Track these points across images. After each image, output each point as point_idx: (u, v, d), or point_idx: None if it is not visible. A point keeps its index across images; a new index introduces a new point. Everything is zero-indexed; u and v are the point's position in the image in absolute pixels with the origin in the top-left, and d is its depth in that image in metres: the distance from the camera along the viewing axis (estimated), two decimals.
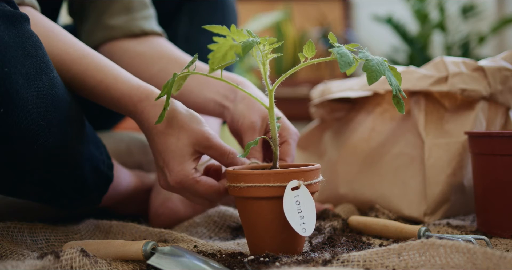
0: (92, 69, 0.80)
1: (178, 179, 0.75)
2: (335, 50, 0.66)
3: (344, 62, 0.64)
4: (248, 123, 0.86)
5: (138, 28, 1.02)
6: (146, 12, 1.04)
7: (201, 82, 0.95)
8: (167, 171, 0.76)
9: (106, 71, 0.80)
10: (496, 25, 2.96)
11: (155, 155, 0.77)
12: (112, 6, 1.02)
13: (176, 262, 0.65)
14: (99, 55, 0.83)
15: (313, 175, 0.72)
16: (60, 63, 0.79)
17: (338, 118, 1.17)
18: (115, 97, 0.79)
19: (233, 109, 0.90)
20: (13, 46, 0.67)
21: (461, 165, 0.96)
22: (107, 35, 1.01)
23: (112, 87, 0.79)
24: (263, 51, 0.72)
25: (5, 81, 0.66)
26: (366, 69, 0.65)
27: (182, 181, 0.75)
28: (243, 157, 0.75)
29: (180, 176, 0.75)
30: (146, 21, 1.04)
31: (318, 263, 0.63)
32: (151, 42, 1.02)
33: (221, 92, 0.93)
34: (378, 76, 0.65)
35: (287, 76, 0.72)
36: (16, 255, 0.71)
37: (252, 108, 0.88)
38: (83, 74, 0.80)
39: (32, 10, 0.81)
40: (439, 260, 0.60)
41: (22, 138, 0.70)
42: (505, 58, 0.99)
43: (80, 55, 0.81)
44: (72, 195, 0.83)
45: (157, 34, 1.04)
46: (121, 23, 1.01)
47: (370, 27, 3.53)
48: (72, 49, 0.81)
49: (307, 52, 0.70)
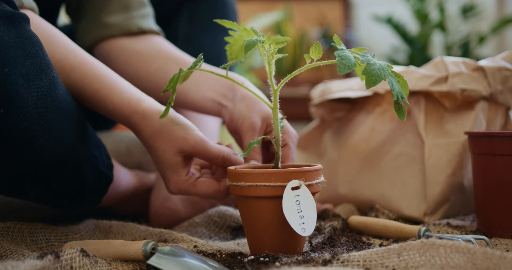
0: (89, 78, 0.82)
1: (176, 188, 0.79)
2: (336, 53, 0.66)
3: (343, 65, 0.64)
4: (248, 124, 0.86)
5: (136, 26, 1.02)
6: (144, 10, 1.04)
7: (199, 80, 0.94)
8: (166, 181, 0.80)
9: (102, 80, 0.82)
10: (496, 25, 2.96)
11: (155, 165, 0.81)
12: (110, 4, 1.02)
13: (176, 262, 0.65)
14: (98, 62, 0.84)
15: (314, 175, 0.72)
16: (60, 69, 0.80)
17: (338, 118, 1.17)
18: (110, 108, 0.81)
19: (232, 108, 0.90)
20: (13, 47, 0.67)
21: (461, 165, 0.96)
22: (105, 33, 1.01)
23: (107, 99, 0.81)
24: (268, 50, 0.72)
25: (5, 82, 0.66)
26: (366, 72, 0.65)
27: (180, 188, 0.79)
28: (244, 156, 0.76)
29: (177, 185, 0.79)
30: (144, 19, 1.04)
31: (318, 263, 0.63)
32: (149, 41, 1.02)
33: (219, 90, 0.93)
34: (377, 80, 0.64)
35: (292, 76, 0.72)
36: (16, 255, 0.71)
37: (252, 108, 0.87)
38: (81, 82, 0.81)
39: (32, 14, 0.81)
40: (439, 260, 0.60)
41: (22, 138, 0.69)
42: (505, 58, 0.99)
43: (79, 62, 0.82)
44: (72, 195, 0.83)
45: (155, 32, 1.04)
46: (119, 21, 1.01)
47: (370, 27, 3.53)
48: (72, 55, 0.82)
49: (314, 53, 0.70)
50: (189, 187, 0.79)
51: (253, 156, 0.84)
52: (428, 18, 3.07)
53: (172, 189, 0.79)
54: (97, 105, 0.82)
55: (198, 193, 0.79)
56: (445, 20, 3.06)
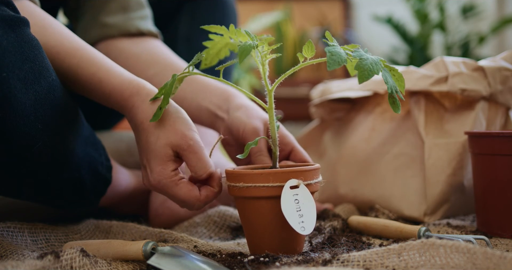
0: (85, 62, 0.79)
1: (157, 180, 0.72)
2: (327, 49, 0.65)
3: (333, 60, 0.64)
4: (250, 128, 0.85)
5: (135, 28, 1.01)
6: (142, 12, 1.04)
7: (196, 89, 0.94)
8: (148, 170, 0.74)
9: (99, 64, 0.79)
10: (496, 25, 2.96)
11: (139, 152, 0.76)
12: (109, 5, 1.02)
13: (176, 262, 0.65)
14: (93, 48, 0.82)
15: (312, 174, 0.72)
16: (55, 55, 0.78)
17: (338, 118, 1.17)
18: (107, 90, 0.77)
19: (228, 119, 0.89)
20: (11, 51, 0.67)
21: (461, 165, 0.96)
22: (103, 33, 1.01)
23: (104, 80, 0.78)
24: (262, 52, 0.72)
25: (3, 86, 0.66)
26: (358, 67, 0.64)
27: (161, 182, 0.72)
28: (243, 157, 0.75)
29: (159, 177, 0.72)
30: (143, 21, 1.03)
31: (318, 263, 0.63)
32: (147, 44, 1.02)
33: (214, 101, 0.92)
34: (369, 75, 0.64)
35: (286, 76, 0.72)
36: (16, 255, 0.71)
37: (251, 115, 0.87)
38: (76, 67, 0.79)
39: (30, 3, 0.81)
40: (439, 260, 0.60)
41: (19, 142, 0.70)
42: (505, 58, 0.99)
43: (74, 47, 0.80)
44: (69, 197, 0.83)
45: (153, 35, 1.04)
46: (118, 22, 1.01)
47: (370, 27, 3.53)
48: (67, 41, 0.80)
49: (307, 52, 0.70)
50: (171, 184, 0.72)
51: (262, 161, 0.84)
52: (428, 18, 3.07)
53: (151, 181, 0.73)
54: (93, 88, 0.78)
55: (177, 194, 0.73)
56: (445, 20, 3.06)
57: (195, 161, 0.72)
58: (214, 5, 1.21)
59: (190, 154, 0.72)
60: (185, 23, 1.21)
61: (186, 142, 0.72)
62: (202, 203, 0.74)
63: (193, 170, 0.73)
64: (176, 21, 1.21)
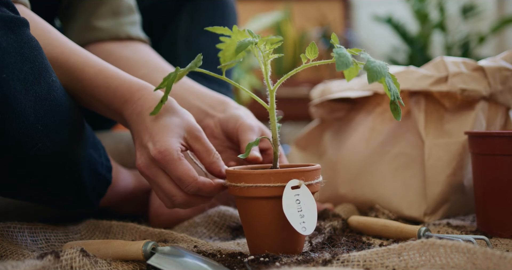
0: (92, 60, 0.81)
1: (163, 148, 0.70)
2: (334, 50, 0.66)
3: (341, 62, 0.64)
4: (247, 124, 0.87)
5: (125, 33, 1.04)
6: (132, 17, 1.06)
7: (185, 88, 0.96)
8: (151, 143, 0.72)
9: (105, 63, 0.82)
10: (496, 25, 2.96)
11: (140, 133, 0.74)
12: (100, 8, 1.03)
13: (176, 262, 0.65)
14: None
15: (313, 175, 0.72)
16: (59, 54, 0.79)
17: (338, 118, 1.17)
18: (113, 85, 0.78)
19: (222, 116, 0.91)
20: (11, 52, 0.67)
21: (461, 165, 0.96)
22: (93, 36, 1.03)
23: (113, 76, 0.79)
24: (264, 51, 0.72)
25: (3, 87, 0.66)
26: (367, 68, 0.65)
27: (165, 151, 0.70)
28: (244, 157, 0.76)
29: (165, 145, 0.70)
30: (133, 26, 1.06)
31: (318, 263, 0.63)
32: (136, 48, 1.03)
33: (207, 102, 0.95)
34: (378, 76, 0.65)
35: (288, 76, 0.72)
36: (16, 255, 0.71)
37: (250, 116, 0.90)
38: (82, 64, 0.80)
39: (24, 8, 0.81)
40: (439, 260, 0.60)
41: (19, 143, 0.70)
42: (505, 58, 0.99)
43: (78, 48, 0.82)
44: (69, 197, 0.83)
45: (143, 41, 1.06)
46: (108, 26, 1.03)
47: (370, 27, 3.53)
48: (70, 42, 0.83)
49: (310, 53, 0.70)
50: (174, 154, 0.70)
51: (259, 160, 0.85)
52: (428, 18, 3.07)
53: (153, 150, 0.71)
54: (98, 84, 0.79)
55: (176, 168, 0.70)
56: (445, 20, 3.06)
57: (204, 149, 0.75)
58: (214, 5, 1.21)
59: (199, 143, 0.75)
60: (185, 23, 1.21)
61: (197, 130, 0.75)
62: (196, 188, 0.72)
63: (203, 157, 0.75)
64: (176, 21, 1.21)
